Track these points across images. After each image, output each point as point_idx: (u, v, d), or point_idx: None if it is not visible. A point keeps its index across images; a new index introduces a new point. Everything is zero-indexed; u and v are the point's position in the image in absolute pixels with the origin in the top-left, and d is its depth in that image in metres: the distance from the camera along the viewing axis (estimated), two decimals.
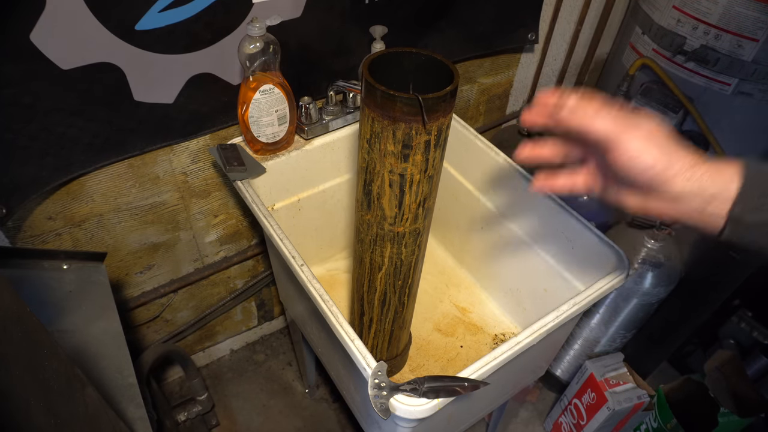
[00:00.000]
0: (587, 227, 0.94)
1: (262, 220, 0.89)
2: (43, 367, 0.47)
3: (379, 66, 0.64)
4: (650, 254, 1.17)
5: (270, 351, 1.64)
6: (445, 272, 1.30)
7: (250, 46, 0.88)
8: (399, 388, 0.68)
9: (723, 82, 1.17)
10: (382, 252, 0.78)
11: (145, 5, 0.81)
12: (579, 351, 1.39)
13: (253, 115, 0.95)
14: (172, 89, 0.93)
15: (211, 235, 1.24)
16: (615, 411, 1.22)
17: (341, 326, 0.75)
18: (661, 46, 1.25)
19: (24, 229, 0.96)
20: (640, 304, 1.22)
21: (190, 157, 1.07)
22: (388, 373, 0.70)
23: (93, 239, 1.06)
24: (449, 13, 1.19)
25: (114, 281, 1.16)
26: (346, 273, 1.29)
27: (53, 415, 0.47)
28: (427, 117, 0.60)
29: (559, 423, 1.46)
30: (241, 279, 1.41)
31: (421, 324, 1.18)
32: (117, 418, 0.63)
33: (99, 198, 1.01)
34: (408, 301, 0.88)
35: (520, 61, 1.52)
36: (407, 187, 0.68)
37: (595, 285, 0.85)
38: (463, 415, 1.02)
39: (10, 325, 0.43)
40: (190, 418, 1.34)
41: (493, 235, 1.15)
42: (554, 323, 0.79)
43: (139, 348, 1.32)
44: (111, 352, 0.78)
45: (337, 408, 1.53)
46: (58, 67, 0.80)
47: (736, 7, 1.08)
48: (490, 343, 1.16)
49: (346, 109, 1.09)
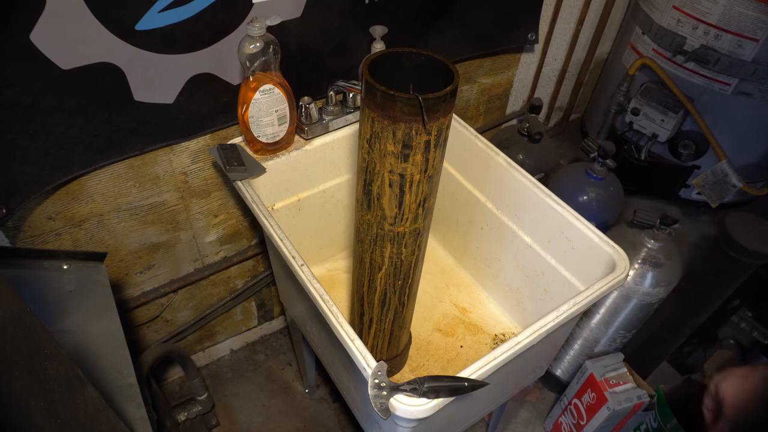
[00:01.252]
0: (587, 227, 0.94)
1: (262, 220, 0.89)
2: (43, 367, 0.47)
3: (379, 66, 0.65)
4: (650, 254, 1.17)
5: (270, 351, 1.64)
6: (445, 272, 1.30)
7: (250, 46, 0.88)
8: (399, 388, 0.68)
9: (723, 82, 1.17)
10: (382, 252, 0.78)
11: (145, 5, 0.81)
12: (579, 351, 1.39)
13: (253, 115, 0.95)
14: (172, 89, 0.93)
15: (211, 235, 1.24)
16: (615, 411, 1.22)
17: (341, 326, 0.75)
18: (661, 46, 1.25)
19: (24, 229, 0.96)
20: (640, 304, 1.22)
21: (190, 157, 1.07)
22: (388, 373, 0.70)
23: (93, 239, 1.06)
24: (449, 13, 1.19)
25: (114, 281, 1.16)
26: (346, 273, 1.29)
27: (53, 415, 0.47)
28: (427, 117, 0.60)
29: (559, 423, 1.46)
30: (241, 279, 1.41)
31: (421, 324, 1.18)
32: (117, 418, 0.63)
33: (99, 198, 1.01)
34: (408, 301, 0.88)
35: (520, 61, 1.52)
36: (407, 187, 0.68)
37: (595, 285, 0.85)
38: (463, 415, 1.02)
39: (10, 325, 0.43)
40: (190, 418, 1.34)
41: (493, 235, 1.15)
42: (554, 323, 0.79)
43: (139, 348, 1.32)
44: (111, 352, 0.78)
45: (337, 408, 1.53)
46: (58, 67, 0.80)
47: (736, 7, 1.08)
48: (490, 343, 1.16)
49: (346, 109, 1.09)
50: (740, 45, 1.11)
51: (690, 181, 1.35)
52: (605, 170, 1.25)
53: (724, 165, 1.28)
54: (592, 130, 1.57)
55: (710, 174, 1.31)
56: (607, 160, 1.23)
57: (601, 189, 1.27)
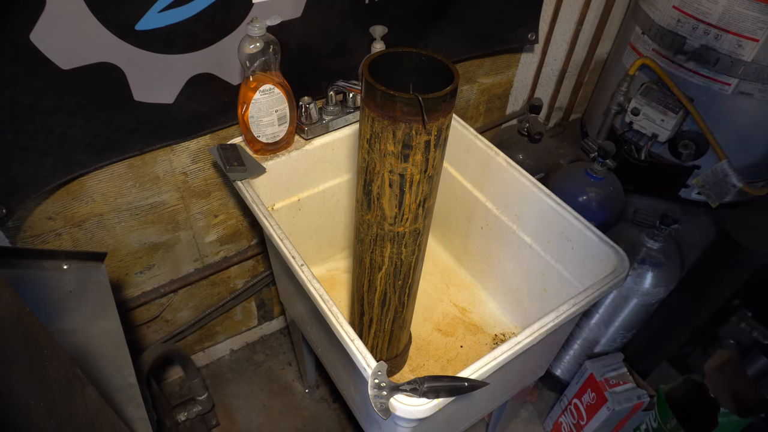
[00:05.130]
0: (587, 227, 0.94)
1: (262, 220, 0.89)
2: (43, 367, 0.47)
3: (379, 66, 0.65)
4: (650, 254, 1.17)
5: (270, 351, 1.64)
6: (445, 272, 1.30)
7: (250, 46, 0.88)
8: (399, 388, 0.68)
9: (723, 82, 1.17)
10: (382, 252, 0.78)
11: (145, 5, 0.81)
12: (579, 351, 1.39)
13: (253, 115, 0.95)
14: (172, 89, 0.93)
15: (211, 235, 1.24)
16: (615, 411, 1.22)
17: (341, 326, 0.75)
18: (661, 46, 1.25)
19: (24, 229, 0.96)
20: (640, 304, 1.22)
21: (190, 157, 1.07)
22: (388, 373, 0.70)
23: (93, 239, 1.06)
24: (449, 13, 1.19)
25: (114, 281, 1.16)
26: (346, 273, 1.29)
27: (53, 415, 0.47)
28: (427, 117, 0.60)
29: (559, 423, 1.46)
30: (241, 279, 1.41)
31: (421, 324, 1.18)
32: (117, 418, 0.63)
33: (99, 198, 1.01)
34: (408, 301, 0.88)
35: (520, 61, 1.52)
36: (407, 187, 0.68)
37: (595, 285, 0.85)
38: (463, 415, 1.02)
39: (10, 325, 0.43)
40: (190, 418, 1.34)
41: (493, 235, 1.15)
42: (554, 323, 0.79)
43: (139, 348, 1.32)
44: (111, 352, 0.78)
45: (337, 408, 1.53)
46: (58, 67, 0.80)
47: (736, 7, 1.08)
48: (490, 343, 1.16)
49: (346, 109, 1.09)
50: (740, 45, 1.11)
51: (690, 181, 1.35)
52: (605, 170, 1.25)
53: (724, 165, 1.28)
54: (592, 130, 1.57)
55: (710, 174, 1.31)
56: (607, 160, 1.23)
57: (601, 189, 1.27)
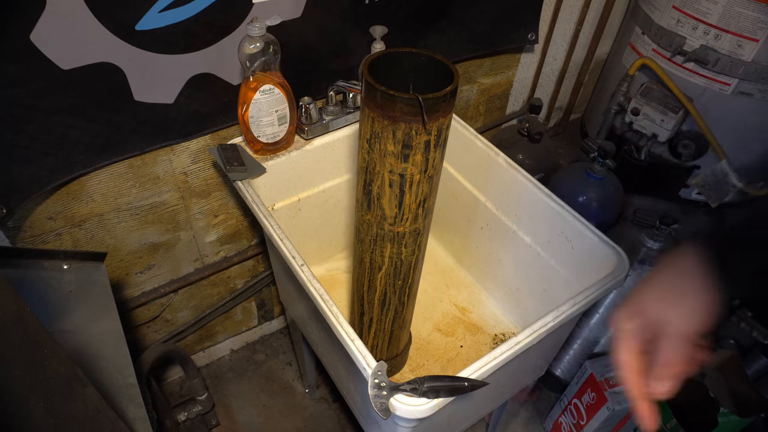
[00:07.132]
0: (587, 227, 0.94)
1: (262, 220, 0.89)
2: (43, 367, 0.47)
3: (379, 66, 0.64)
4: (650, 254, 1.17)
5: (270, 351, 1.64)
6: (445, 272, 1.30)
7: (250, 46, 0.88)
8: (399, 388, 0.68)
9: (723, 82, 1.17)
10: (382, 252, 0.78)
11: (145, 5, 0.81)
12: (579, 351, 1.39)
13: (253, 115, 0.95)
14: (172, 89, 0.93)
15: (211, 235, 1.24)
16: (615, 411, 1.22)
17: (341, 326, 0.75)
18: (661, 46, 1.25)
19: (24, 229, 0.96)
20: None
21: (190, 157, 1.07)
22: (388, 373, 0.70)
23: (93, 239, 1.06)
24: (449, 12, 1.19)
25: (114, 281, 1.16)
26: (346, 273, 1.29)
27: (53, 415, 0.47)
28: (427, 117, 0.60)
29: (559, 423, 1.46)
30: (241, 279, 1.41)
31: (421, 324, 1.18)
32: (117, 418, 0.63)
33: (99, 198, 1.01)
34: (408, 301, 0.88)
35: (520, 61, 1.52)
36: (407, 187, 0.68)
37: (595, 285, 0.85)
38: (463, 415, 1.02)
39: (10, 325, 0.43)
40: (190, 418, 1.34)
41: (493, 235, 1.15)
42: (554, 323, 0.79)
43: (139, 348, 1.32)
44: (111, 352, 0.78)
45: (337, 408, 1.53)
46: (59, 67, 0.80)
47: (736, 7, 1.08)
48: (490, 343, 1.16)
49: (346, 109, 1.09)
50: (740, 45, 1.11)
51: (690, 181, 1.35)
52: (605, 170, 1.25)
53: (724, 165, 1.28)
54: (592, 130, 1.57)
55: (710, 174, 1.31)
56: (607, 160, 1.23)
57: (601, 189, 1.27)
